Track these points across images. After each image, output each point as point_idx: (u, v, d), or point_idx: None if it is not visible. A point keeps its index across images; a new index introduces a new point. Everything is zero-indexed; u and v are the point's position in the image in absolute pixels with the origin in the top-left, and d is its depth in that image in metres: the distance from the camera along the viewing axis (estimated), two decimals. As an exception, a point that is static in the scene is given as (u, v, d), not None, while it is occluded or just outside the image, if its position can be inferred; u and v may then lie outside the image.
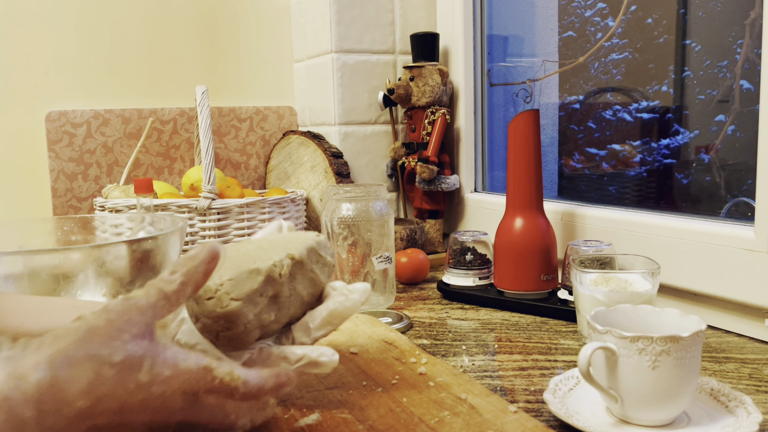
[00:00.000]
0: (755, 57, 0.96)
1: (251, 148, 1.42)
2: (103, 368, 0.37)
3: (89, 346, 0.37)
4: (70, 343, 0.37)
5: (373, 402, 0.57)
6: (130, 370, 0.38)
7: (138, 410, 0.39)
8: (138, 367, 0.39)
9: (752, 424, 0.50)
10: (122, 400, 0.38)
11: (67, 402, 0.36)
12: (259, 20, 1.42)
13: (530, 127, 0.90)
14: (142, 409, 0.39)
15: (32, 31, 1.25)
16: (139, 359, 0.39)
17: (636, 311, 0.58)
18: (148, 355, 0.39)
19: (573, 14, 1.26)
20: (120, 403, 0.38)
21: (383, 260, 0.91)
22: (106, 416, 0.37)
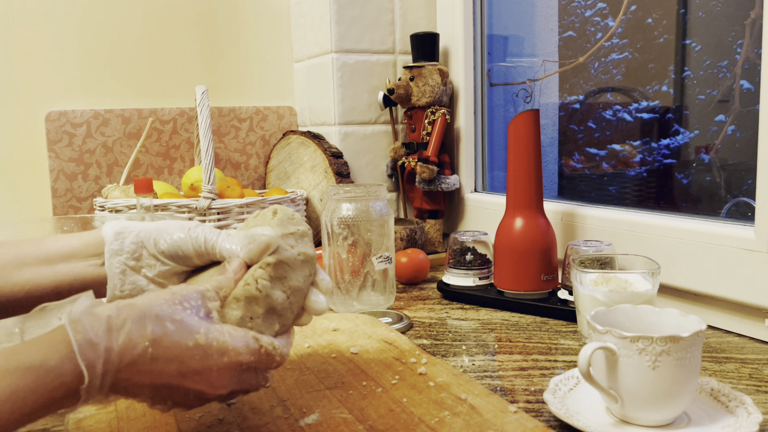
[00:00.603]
0: (755, 57, 0.96)
1: (251, 148, 1.42)
2: (165, 322, 0.43)
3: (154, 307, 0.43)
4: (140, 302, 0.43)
5: (373, 402, 0.57)
6: (189, 330, 0.44)
7: (197, 375, 0.44)
8: (196, 330, 0.44)
9: (752, 424, 0.50)
10: (183, 358, 0.43)
11: (134, 343, 0.41)
12: (259, 20, 1.42)
13: (530, 127, 0.90)
14: (201, 376, 0.44)
15: (32, 31, 1.25)
16: (196, 324, 0.44)
17: (636, 311, 0.58)
18: (204, 324, 0.45)
19: (573, 14, 1.26)
20: (181, 360, 0.43)
21: (383, 260, 0.91)
22: (169, 373, 0.43)
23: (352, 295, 0.91)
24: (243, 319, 0.49)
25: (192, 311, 0.45)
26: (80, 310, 0.41)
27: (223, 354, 0.45)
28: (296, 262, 0.52)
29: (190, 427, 0.54)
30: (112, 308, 0.42)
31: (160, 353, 0.42)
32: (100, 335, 0.40)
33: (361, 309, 0.90)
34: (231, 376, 0.46)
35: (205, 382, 0.45)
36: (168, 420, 0.55)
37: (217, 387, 0.46)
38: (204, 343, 0.44)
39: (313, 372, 0.64)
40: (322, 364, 0.66)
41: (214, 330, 0.45)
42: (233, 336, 0.46)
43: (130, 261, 0.52)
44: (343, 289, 0.91)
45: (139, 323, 0.42)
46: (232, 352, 0.45)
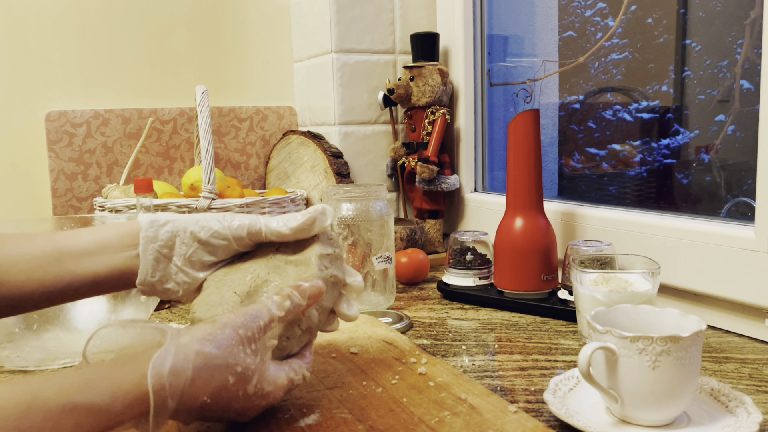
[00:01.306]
0: (755, 57, 0.96)
1: (251, 148, 1.42)
2: (228, 375, 0.45)
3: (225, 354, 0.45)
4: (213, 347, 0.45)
5: (373, 402, 0.57)
6: (244, 381, 0.46)
7: (235, 412, 0.48)
8: (250, 380, 0.47)
9: (752, 424, 0.50)
10: (230, 402, 0.46)
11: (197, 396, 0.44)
12: (259, 20, 1.42)
13: (530, 127, 0.90)
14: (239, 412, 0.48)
15: (32, 31, 1.25)
16: (252, 372, 0.47)
17: (636, 311, 0.58)
18: (258, 371, 0.47)
19: (573, 14, 1.26)
20: (227, 403, 0.46)
21: (383, 260, 0.91)
22: (214, 411, 0.46)
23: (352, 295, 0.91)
24: (281, 337, 0.51)
25: (252, 358, 0.47)
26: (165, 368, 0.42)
27: (263, 398, 0.49)
28: (328, 283, 0.55)
29: (190, 427, 0.54)
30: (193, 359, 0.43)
31: (213, 402, 0.45)
32: (176, 398, 0.42)
33: (361, 309, 0.90)
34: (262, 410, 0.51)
35: (240, 415, 0.49)
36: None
37: (247, 418, 0.50)
38: (252, 393, 0.47)
39: (313, 372, 0.64)
40: (322, 364, 0.66)
41: (263, 380, 0.48)
42: (276, 385, 0.49)
43: (163, 249, 0.54)
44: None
45: (207, 378, 0.44)
46: (271, 397, 0.49)
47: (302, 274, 0.54)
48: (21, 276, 0.52)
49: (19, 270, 0.52)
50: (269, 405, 0.50)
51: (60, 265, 0.53)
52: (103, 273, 0.54)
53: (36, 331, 0.71)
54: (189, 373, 0.43)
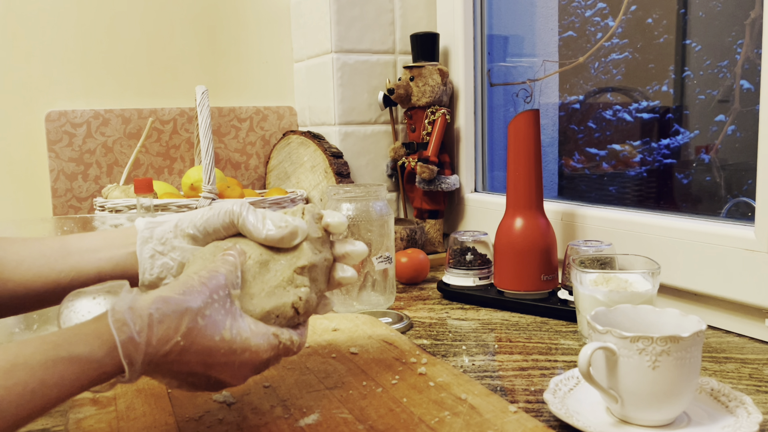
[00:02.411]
0: (755, 57, 0.96)
1: (251, 148, 1.42)
2: (197, 317, 0.45)
3: (188, 298, 0.45)
4: (175, 293, 0.45)
5: (373, 402, 0.57)
6: (216, 325, 0.46)
7: (220, 366, 0.47)
8: (222, 324, 0.47)
9: (752, 424, 0.50)
10: (210, 351, 0.46)
11: (168, 337, 0.43)
12: (259, 20, 1.42)
13: (530, 127, 0.90)
14: (224, 367, 0.47)
15: (32, 31, 1.25)
16: (222, 318, 0.47)
17: (636, 311, 0.58)
18: (229, 317, 0.48)
19: (573, 14, 1.26)
20: (207, 353, 0.46)
21: (383, 260, 0.91)
22: (195, 363, 0.46)
23: (352, 295, 0.91)
24: (269, 314, 0.51)
25: (219, 304, 0.48)
26: (124, 306, 0.43)
27: (245, 350, 0.48)
28: (323, 266, 0.55)
29: (190, 427, 0.54)
30: (152, 303, 0.44)
31: (189, 346, 0.45)
32: (142, 334, 0.42)
33: (361, 309, 0.90)
34: (251, 369, 0.50)
35: (227, 373, 0.48)
36: (168, 420, 0.55)
37: (237, 377, 0.49)
38: (229, 339, 0.47)
39: (313, 372, 0.64)
40: (322, 364, 0.66)
41: (238, 326, 0.48)
42: (255, 333, 0.49)
43: (158, 246, 0.56)
44: (343, 289, 0.91)
45: (174, 319, 0.44)
46: (254, 348, 0.49)
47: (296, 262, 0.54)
48: (28, 273, 0.54)
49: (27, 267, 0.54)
50: (256, 359, 0.49)
51: (65, 262, 0.55)
52: (106, 268, 0.56)
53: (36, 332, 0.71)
54: (152, 310, 0.43)
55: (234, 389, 0.60)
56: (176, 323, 0.44)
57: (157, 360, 0.44)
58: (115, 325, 0.42)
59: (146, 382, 0.62)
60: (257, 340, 0.49)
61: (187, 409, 0.57)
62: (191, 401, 0.58)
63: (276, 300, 0.52)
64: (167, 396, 0.60)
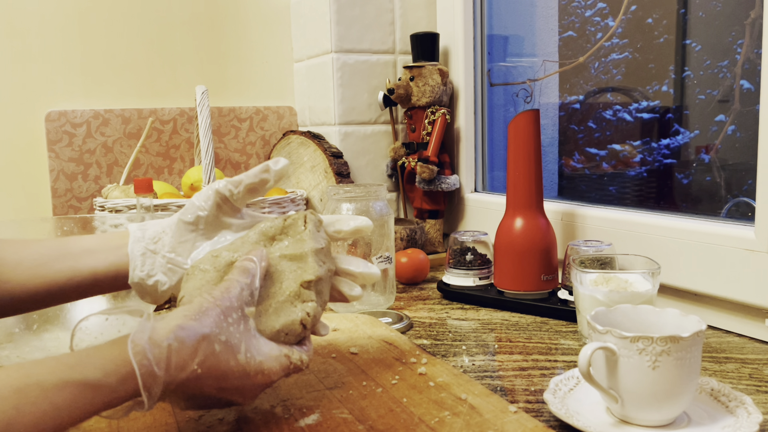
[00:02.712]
0: (755, 57, 0.96)
1: (251, 148, 1.42)
2: (213, 343, 0.46)
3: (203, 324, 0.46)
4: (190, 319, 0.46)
5: (373, 402, 0.57)
6: (232, 349, 0.47)
7: (233, 390, 0.48)
8: (238, 348, 0.48)
9: (752, 424, 0.50)
10: (225, 376, 0.47)
11: (185, 365, 0.44)
12: (259, 20, 1.42)
13: (530, 127, 0.90)
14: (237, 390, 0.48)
15: (32, 31, 1.25)
16: (238, 341, 0.48)
17: (636, 311, 0.58)
18: (244, 339, 0.48)
19: (573, 14, 1.26)
20: (223, 377, 0.47)
21: (383, 260, 0.91)
22: (210, 387, 0.46)
23: (352, 295, 0.91)
24: (279, 333, 0.52)
25: (234, 327, 0.48)
26: (144, 337, 0.43)
27: (258, 373, 0.49)
28: (327, 277, 0.56)
29: (190, 427, 0.54)
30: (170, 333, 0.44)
31: (206, 372, 0.46)
32: (161, 365, 0.43)
33: (361, 309, 0.90)
34: (261, 389, 0.51)
35: (239, 395, 0.49)
36: (168, 420, 0.55)
37: (248, 398, 0.50)
38: (243, 362, 0.48)
39: (313, 372, 0.64)
40: (322, 364, 0.66)
41: (252, 349, 0.49)
42: (268, 356, 0.50)
43: (150, 245, 0.58)
44: (343, 289, 0.91)
45: (191, 347, 0.45)
46: (266, 371, 0.50)
47: (302, 275, 0.54)
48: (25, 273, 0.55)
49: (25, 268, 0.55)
50: (268, 381, 0.50)
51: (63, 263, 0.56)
52: (101, 269, 0.56)
53: (36, 332, 0.71)
54: (171, 341, 0.44)
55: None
56: (193, 351, 0.45)
57: (173, 387, 0.44)
58: (136, 358, 0.42)
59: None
60: (270, 364, 0.50)
61: (187, 409, 0.57)
62: (191, 401, 0.59)
63: (285, 318, 0.53)
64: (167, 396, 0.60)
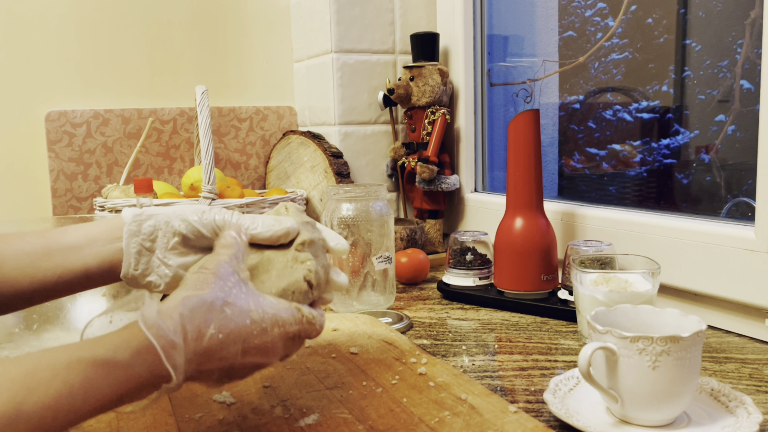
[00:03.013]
0: (755, 57, 0.96)
1: (251, 148, 1.42)
2: (223, 307, 0.45)
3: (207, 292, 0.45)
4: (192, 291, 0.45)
5: (373, 402, 0.57)
6: (243, 309, 0.46)
7: (256, 350, 0.47)
8: (248, 307, 0.47)
9: (752, 424, 0.50)
10: (245, 337, 0.46)
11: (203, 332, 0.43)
12: (259, 20, 1.42)
13: (530, 127, 0.90)
14: (259, 350, 0.47)
15: (32, 31, 1.25)
16: (245, 301, 0.47)
17: (636, 311, 0.58)
18: (251, 299, 0.48)
19: (573, 14, 1.26)
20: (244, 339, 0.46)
21: (383, 260, 0.91)
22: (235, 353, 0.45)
23: (352, 295, 0.91)
24: (285, 292, 0.51)
25: (237, 288, 0.47)
26: (153, 312, 0.42)
27: (274, 326, 0.48)
28: (319, 244, 0.56)
29: (190, 427, 0.54)
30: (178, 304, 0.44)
31: (226, 337, 0.44)
32: (178, 334, 0.42)
33: (361, 309, 0.90)
34: (282, 346, 0.49)
35: (263, 354, 0.48)
36: (168, 420, 0.55)
37: (271, 357, 0.49)
38: (258, 319, 0.47)
39: (313, 372, 0.64)
40: (322, 364, 0.66)
41: (262, 304, 0.48)
42: (279, 308, 0.49)
43: (146, 242, 0.55)
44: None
45: (203, 313, 0.44)
46: (281, 323, 0.48)
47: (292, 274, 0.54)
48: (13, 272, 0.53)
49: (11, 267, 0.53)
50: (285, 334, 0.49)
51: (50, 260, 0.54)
52: (93, 265, 0.55)
53: (36, 331, 0.71)
54: (181, 309, 0.43)
55: (234, 389, 0.60)
56: (206, 317, 0.44)
57: (198, 359, 0.43)
58: (150, 330, 0.41)
59: (146, 382, 0.62)
60: (284, 315, 0.49)
61: (187, 409, 0.57)
62: (191, 401, 0.58)
63: (287, 278, 0.52)
64: (167, 396, 0.60)
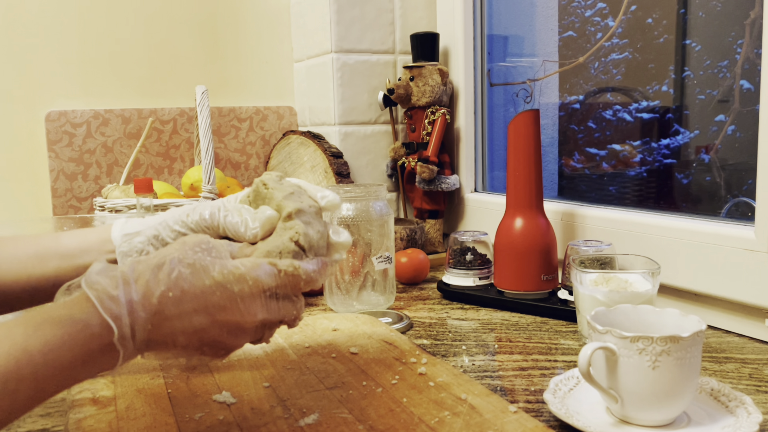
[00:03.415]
0: (755, 57, 0.96)
1: (251, 148, 1.42)
2: (179, 266, 0.45)
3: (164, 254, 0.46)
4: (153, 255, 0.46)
5: (373, 402, 0.57)
6: (204, 270, 0.45)
7: (222, 310, 0.45)
8: (211, 269, 0.46)
9: (752, 424, 0.50)
10: (205, 297, 0.45)
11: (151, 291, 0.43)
12: (259, 20, 1.42)
13: (530, 127, 0.90)
14: (226, 310, 0.46)
15: (32, 31, 1.25)
16: (209, 263, 0.46)
17: (636, 311, 0.58)
18: (217, 261, 0.47)
19: (573, 14, 1.26)
20: (204, 298, 0.45)
21: (383, 260, 0.91)
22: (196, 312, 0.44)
23: (352, 295, 0.91)
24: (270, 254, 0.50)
25: (204, 253, 0.47)
26: (95, 271, 0.43)
27: (241, 282, 0.46)
28: (311, 211, 0.54)
29: (190, 427, 0.54)
30: (126, 265, 0.44)
31: (181, 295, 0.44)
32: (119, 289, 0.42)
33: (361, 309, 0.90)
34: (259, 304, 0.47)
35: (233, 314, 0.46)
36: (168, 420, 0.55)
37: (246, 317, 0.47)
38: (221, 279, 0.46)
39: (313, 372, 0.64)
40: (322, 364, 0.66)
41: (229, 265, 0.47)
42: (248, 266, 0.47)
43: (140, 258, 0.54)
44: (343, 289, 0.91)
45: (153, 272, 0.44)
46: (249, 279, 0.47)
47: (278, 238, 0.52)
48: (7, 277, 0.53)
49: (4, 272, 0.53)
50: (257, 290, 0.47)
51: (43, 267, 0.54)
52: None
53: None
54: (123, 270, 0.43)
55: (234, 389, 0.60)
56: (155, 275, 0.44)
57: (154, 320, 0.43)
58: (88, 285, 0.42)
59: (146, 383, 0.62)
60: (255, 272, 0.47)
61: (188, 409, 0.57)
62: (191, 401, 0.59)
63: (272, 242, 0.51)
64: (167, 396, 0.60)
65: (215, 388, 0.61)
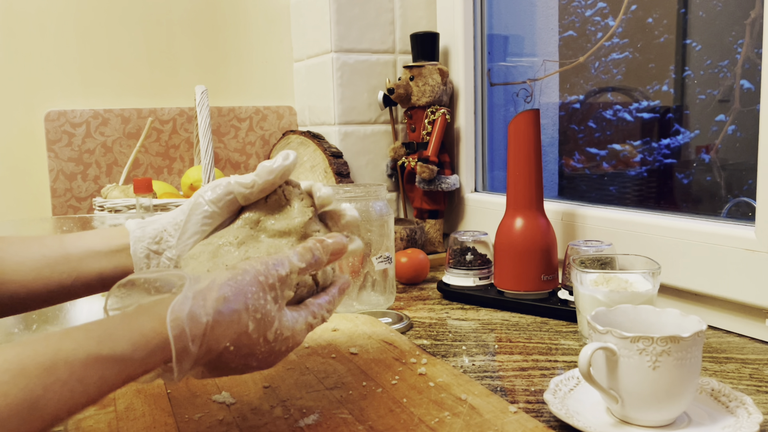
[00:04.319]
0: (755, 57, 0.96)
1: (251, 147, 1.42)
2: (249, 321, 0.45)
3: (249, 300, 0.45)
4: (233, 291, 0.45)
5: (373, 402, 0.57)
6: (264, 328, 0.46)
7: (259, 360, 0.48)
8: (270, 326, 0.47)
9: (753, 424, 0.50)
10: (252, 349, 0.46)
11: (219, 342, 0.44)
12: (258, 20, 1.42)
13: (530, 127, 0.89)
14: (262, 360, 0.48)
15: (32, 31, 1.24)
16: (271, 319, 0.47)
17: (636, 311, 0.58)
18: (277, 318, 0.48)
19: (573, 14, 1.26)
20: (249, 350, 0.46)
21: (383, 260, 0.90)
22: (237, 361, 0.46)
23: (352, 295, 0.91)
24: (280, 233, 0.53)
25: (271, 304, 0.47)
26: (184, 312, 0.42)
27: (283, 344, 0.49)
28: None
29: (190, 427, 0.54)
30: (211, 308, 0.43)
31: (236, 350, 0.45)
32: (196, 342, 0.42)
33: (361, 309, 0.90)
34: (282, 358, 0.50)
35: (261, 363, 0.48)
36: (168, 420, 0.55)
37: (269, 365, 0.49)
38: (272, 340, 0.47)
39: (313, 372, 0.64)
40: (322, 364, 0.66)
41: (283, 324, 0.48)
42: (295, 330, 0.49)
43: (152, 245, 0.56)
44: (343, 289, 0.91)
45: (229, 325, 0.44)
46: (291, 342, 0.49)
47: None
48: (29, 275, 0.54)
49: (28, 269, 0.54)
50: (290, 351, 0.50)
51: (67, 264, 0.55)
52: (107, 271, 0.56)
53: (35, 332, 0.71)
54: (210, 318, 0.43)
55: (234, 389, 0.60)
56: (229, 329, 0.44)
57: (203, 362, 0.44)
58: (174, 332, 0.41)
59: (146, 383, 0.62)
60: (297, 338, 0.49)
61: (187, 409, 0.57)
62: (191, 401, 0.58)
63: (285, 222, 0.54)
64: (167, 396, 0.60)
65: (215, 388, 0.61)
